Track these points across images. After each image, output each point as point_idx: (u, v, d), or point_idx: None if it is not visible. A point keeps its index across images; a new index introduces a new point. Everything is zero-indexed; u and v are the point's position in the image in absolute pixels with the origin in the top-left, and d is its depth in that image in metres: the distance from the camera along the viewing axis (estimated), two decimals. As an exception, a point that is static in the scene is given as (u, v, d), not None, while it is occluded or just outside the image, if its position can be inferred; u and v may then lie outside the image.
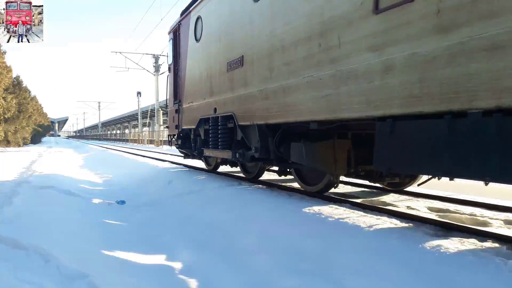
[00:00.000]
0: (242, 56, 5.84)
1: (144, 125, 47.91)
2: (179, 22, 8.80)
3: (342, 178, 6.17)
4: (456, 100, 2.80)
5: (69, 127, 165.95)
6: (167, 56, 9.63)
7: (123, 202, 6.76)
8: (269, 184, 6.65)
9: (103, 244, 4.20)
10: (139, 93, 42.59)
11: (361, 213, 4.24)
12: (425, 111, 3.04)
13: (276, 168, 6.74)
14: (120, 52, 31.59)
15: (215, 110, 6.85)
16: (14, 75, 25.58)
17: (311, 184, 5.62)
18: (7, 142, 27.74)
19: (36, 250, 3.60)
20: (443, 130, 2.91)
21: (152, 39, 37.37)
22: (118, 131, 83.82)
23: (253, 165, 7.07)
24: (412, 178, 5.68)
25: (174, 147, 11.65)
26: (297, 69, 4.57)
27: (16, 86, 27.57)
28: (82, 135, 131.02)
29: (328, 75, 4.04)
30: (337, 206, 4.58)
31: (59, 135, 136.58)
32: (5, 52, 15.53)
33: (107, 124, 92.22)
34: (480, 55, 2.63)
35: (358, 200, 5.25)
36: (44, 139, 61.53)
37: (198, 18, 7.57)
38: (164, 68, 31.86)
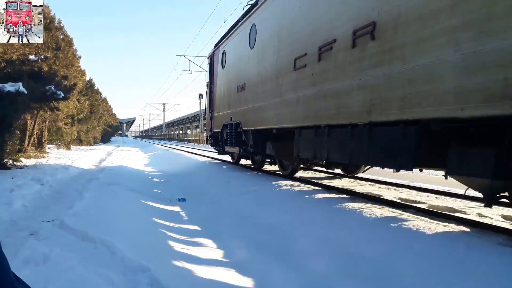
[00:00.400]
0: (245, 83, 9.27)
1: (205, 126, 51.54)
2: (213, 51, 12.55)
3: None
4: (317, 120, 5.97)
5: (135, 127, 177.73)
6: (206, 75, 13.40)
7: (183, 199, 7.49)
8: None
9: (164, 240, 4.63)
10: (201, 95, 45.25)
11: (427, 219, 4.42)
12: (308, 125, 6.23)
13: (269, 160, 10.10)
14: (184, 56, 34.06)
15: (231, 118, 10.38)
16: (87, 78, 26.70)
17: (286, 170, 8.86)
18: (79, 141, 30.88)
19: (103, 243, 3.95)
20: (312, 135, 6.09)
21: (215, 41, 39.65)
22: (181, 132, 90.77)
23: (258, 158, 10.47)
24: (357, 168, 8.66)
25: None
26: (267, 96, 7.91)
27: (89, 89, 29.52)
28: (147, 135, 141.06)
29: (278, 102, 7.34)
30: (400, 212, 4.89)
31: (126, 135, 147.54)
32: (80, 57, 17.46)
33: (170, 125, 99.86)
34: (324, 99, 5.79)
35: (423, 206, 5.54)
36: (113, 138, 68.62)
37: (224, 52, 11.18)
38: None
